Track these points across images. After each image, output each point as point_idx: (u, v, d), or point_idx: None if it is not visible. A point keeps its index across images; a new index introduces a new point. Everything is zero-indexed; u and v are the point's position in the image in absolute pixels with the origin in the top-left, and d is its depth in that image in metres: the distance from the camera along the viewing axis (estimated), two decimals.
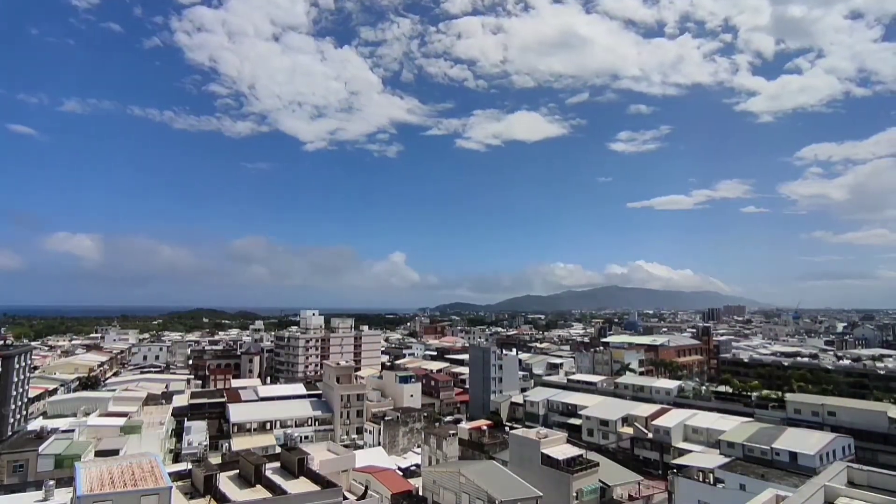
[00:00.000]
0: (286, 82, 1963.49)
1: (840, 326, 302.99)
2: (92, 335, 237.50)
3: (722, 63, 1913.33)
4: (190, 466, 47.02)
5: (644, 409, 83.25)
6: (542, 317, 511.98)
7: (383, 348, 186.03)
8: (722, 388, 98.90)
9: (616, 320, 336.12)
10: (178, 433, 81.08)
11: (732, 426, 70.48)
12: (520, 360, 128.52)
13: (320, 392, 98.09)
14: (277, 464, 47.89)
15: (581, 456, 57.87)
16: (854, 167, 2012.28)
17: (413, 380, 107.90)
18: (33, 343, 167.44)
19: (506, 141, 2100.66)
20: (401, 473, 65.51)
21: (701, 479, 54.86)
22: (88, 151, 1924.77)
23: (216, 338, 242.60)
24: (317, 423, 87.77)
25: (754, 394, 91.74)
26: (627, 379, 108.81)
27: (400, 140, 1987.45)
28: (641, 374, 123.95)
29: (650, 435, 77.86)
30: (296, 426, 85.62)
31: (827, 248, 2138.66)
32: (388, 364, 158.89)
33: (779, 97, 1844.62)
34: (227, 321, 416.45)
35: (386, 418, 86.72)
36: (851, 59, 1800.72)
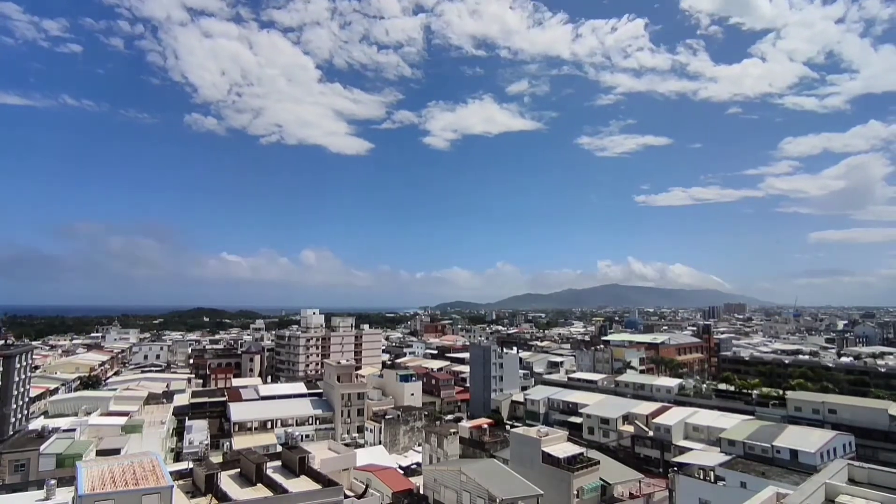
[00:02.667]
0: (218, 71, 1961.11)
1: (840, 324, 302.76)
2: (93, 334, 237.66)
3: (677, 47, 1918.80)
4: (191, 465, 46.99)
5: (645, 408, 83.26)
6: (543, 315, 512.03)
7: (384, 347, 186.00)
8: (722, 386, 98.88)
9: (617, 318, 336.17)
10: (179, 432, 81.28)
11: (733, 424, 70.50)
12: (520, 359, 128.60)
13: (321, 391, 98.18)
14: (278, 463, 47.96)
15: (582, 454, 57.81)
16: (834, 163, 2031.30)
17: (414, 378, 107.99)
18: (34, 343, 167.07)
19: (466, 136, 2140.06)
20: (402, 472, 65.58)
21: (702, 477, 54.83)
22: (24, 144, 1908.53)
23: (217, 337, 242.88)
24: (318, 422, 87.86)
25: (755, 392, 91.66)
26: (628, 377, 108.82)
27: (355, 134, 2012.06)
28: (642, 372, 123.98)
29: (651, 433, 77.89)
30: (297, 425, 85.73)
31: (814, 246, 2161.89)
32: (389, 363, 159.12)
33: (741, 82, 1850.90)
34: (227, 320, 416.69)
35: (387, 417, 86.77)
36: (811, 41, 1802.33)
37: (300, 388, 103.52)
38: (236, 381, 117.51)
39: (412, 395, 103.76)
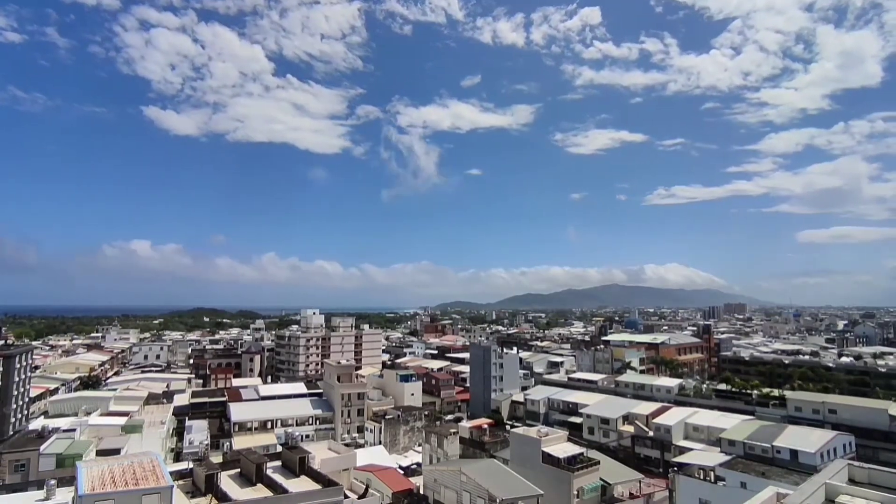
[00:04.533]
0: (166, 64, 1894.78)
1: (841, 324, 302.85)
2: (93, 335, 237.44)
3: (640, 36, 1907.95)
4: (191, 465, 47.03)
5: (645, 408, 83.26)
6: (543, 315, 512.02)
7: (384, 347, 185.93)
8: (722, 386, 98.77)
9: (617, 319, 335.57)
10: (180, 432, 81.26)
11: (733, 424, 70.51)
12: (520, 359, 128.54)
13: (321, 391, 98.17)
14: (278, 463, 47.95)
15: (582, 454, 57.84)
16: (818, 160, 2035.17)
17: (414, 378, 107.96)
18: (34, 343, 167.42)
19: (437, 131, 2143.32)
20: (402, 472, 65.59)
21: (702, 478, 54.82)
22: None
23: (217, 337, 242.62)
24: (318, 422, 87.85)
25: (755, 392, 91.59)
26: (628, 377, 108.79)
27: (322, 131, 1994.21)
28: (642, 372, 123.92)
29: (651, 433, 77.88)
30: (297, 425, 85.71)
31: (804, 246, 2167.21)
32: (389, 363, 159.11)
33: (713, 74, 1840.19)
34: (227, 320, 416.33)
35: (387, 417, 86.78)
36: (781, 31, 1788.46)
37: (300, 388, 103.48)
38: (236, 381, 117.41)
39: (412, 395, 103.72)
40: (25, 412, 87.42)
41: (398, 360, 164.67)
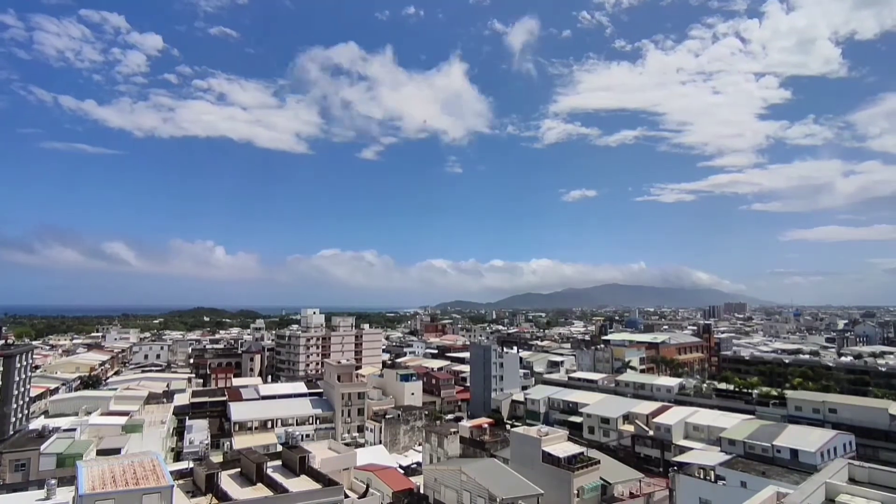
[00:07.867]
0: (67, 51, 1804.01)
1: (841, 323, 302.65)
2: (93, 334, 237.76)
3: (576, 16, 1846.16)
4: (191, 465, 47.04)
5: (645, 407, 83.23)
6: (543, 315, 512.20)
7: (384, 346, 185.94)
8: (723, 386, 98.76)
9: (617, 318, 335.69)
10: (180, 432, 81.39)
11: (733, 423, 70.47)
12: (521, 358, 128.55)
13: (321, 390, 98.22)
14: (279, 462, 48.01)
15: (582, 454, 57.85)
16: (790, 156, 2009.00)
17: (414, 378, 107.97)
18: (34, 342, 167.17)
19: (380, 121, 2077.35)
20: (402, 471, 65.64)
21: (702, 477, 54.80)
22: None
23: (217, 336, 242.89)
24: (318, 422, 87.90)
25: (755, 391, 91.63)
26: (628, 377, 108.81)
27: (259, 124, 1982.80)
28: (642, 371, 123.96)
29: (651, 432, 77.88)
30: (297, 424, 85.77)
31: (788, 244, 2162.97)
32: (389, 362, 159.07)
33: (654, 58, 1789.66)
34: (227, 320, 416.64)
35: (387, 416, 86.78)
36: (719, 10, 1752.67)
37: (300, 387, 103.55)
38: (236, 381, 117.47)
39: (412, 394, 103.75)
40: (26, 412, 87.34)
41: (398, 360, 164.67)
